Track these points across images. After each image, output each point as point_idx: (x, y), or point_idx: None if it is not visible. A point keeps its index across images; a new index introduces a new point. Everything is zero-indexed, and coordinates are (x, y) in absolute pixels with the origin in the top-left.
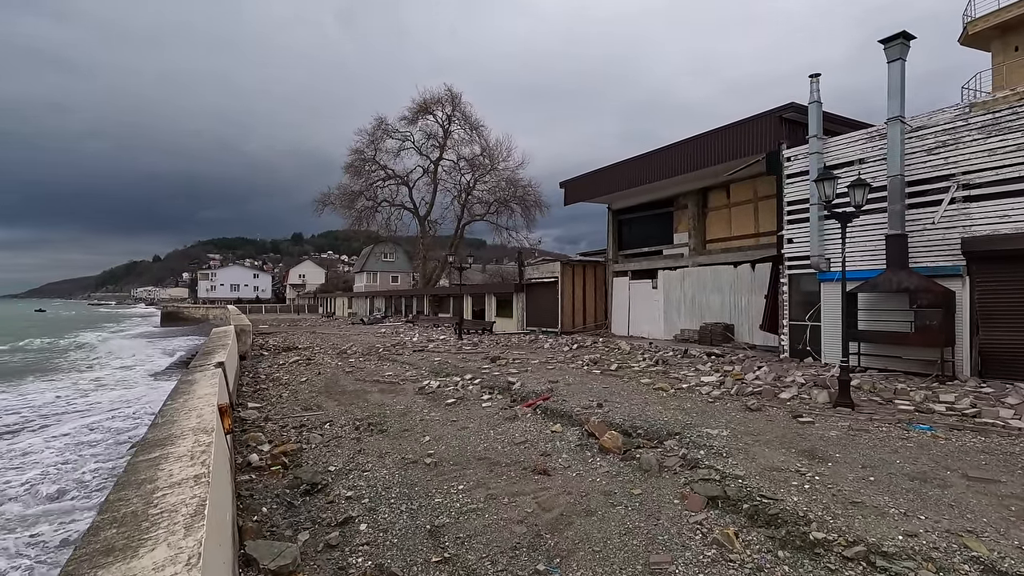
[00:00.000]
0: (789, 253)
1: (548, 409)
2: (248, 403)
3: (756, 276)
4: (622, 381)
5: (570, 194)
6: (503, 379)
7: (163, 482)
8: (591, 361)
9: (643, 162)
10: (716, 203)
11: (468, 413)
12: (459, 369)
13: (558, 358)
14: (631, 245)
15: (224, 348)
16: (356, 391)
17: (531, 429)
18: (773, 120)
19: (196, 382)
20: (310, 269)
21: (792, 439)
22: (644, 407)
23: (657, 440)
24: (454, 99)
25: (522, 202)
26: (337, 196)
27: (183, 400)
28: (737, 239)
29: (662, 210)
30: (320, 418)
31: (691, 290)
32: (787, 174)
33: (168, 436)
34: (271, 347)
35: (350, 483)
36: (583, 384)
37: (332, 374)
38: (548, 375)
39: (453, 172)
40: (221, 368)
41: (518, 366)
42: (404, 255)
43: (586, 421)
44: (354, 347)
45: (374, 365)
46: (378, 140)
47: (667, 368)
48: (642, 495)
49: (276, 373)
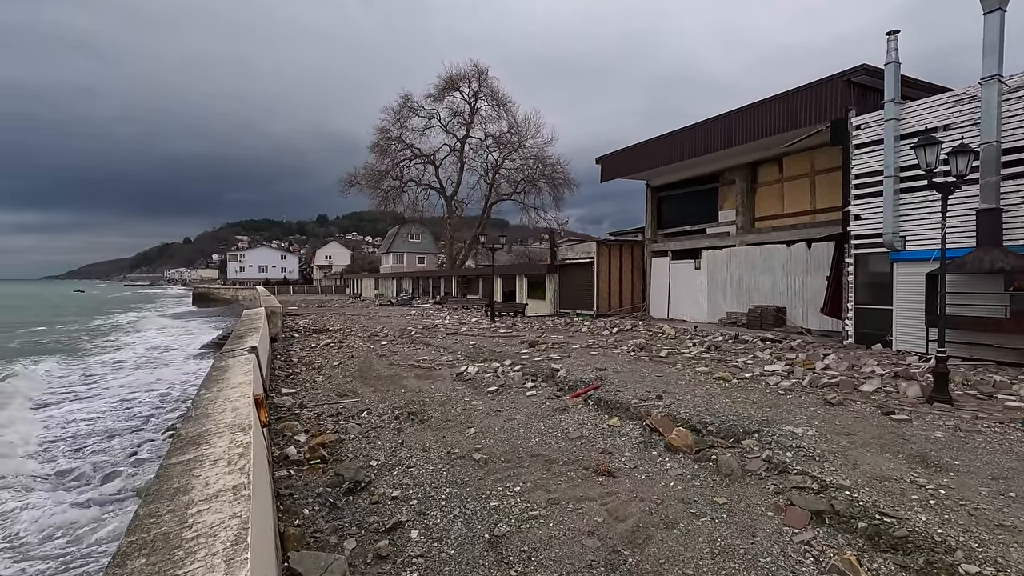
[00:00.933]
0: (856, 231)
1: (601, 400)
2: (282, 388)
3: (813, 256)
4: (676, 369)
5: (607, 170)
6: (545, 365)
7: (198, 493)
8: (637, 347)
9: (687, 135)
10: (767, 178)
11: (512, 403)
12: (496, 354)
13: (599, 343)
14: (671, 224)
15: (256, 331)
16: (391, 376)
17: (585, 422)
18: (840, 85)
19: (229, 368)
20: (336, 250)
21: (893, 441)
22: (709, 399)
23: (733, 438)
24: (480, 75)
25: (550, 180)
26: (363, 176)
27: (216, 390)
28: (791, 216)
29: (706, 186)
30: (356, 406)
31: (738, 271)
32: (855, 144)
33: (202, 433)
34: (301, 329)
35: (395, 480)
36: (634, 372)
37: (365, 358)
38: (593, 362)
39: (480, 150)
40: (254, 353)
41: (559, 351)
42: (430, 236)
43: (647, 415)
44: (385, 329)
45: (407, 348)
46: (404, 118)
47: (722, 355)
48: (728, 505)
49: (308, 356)
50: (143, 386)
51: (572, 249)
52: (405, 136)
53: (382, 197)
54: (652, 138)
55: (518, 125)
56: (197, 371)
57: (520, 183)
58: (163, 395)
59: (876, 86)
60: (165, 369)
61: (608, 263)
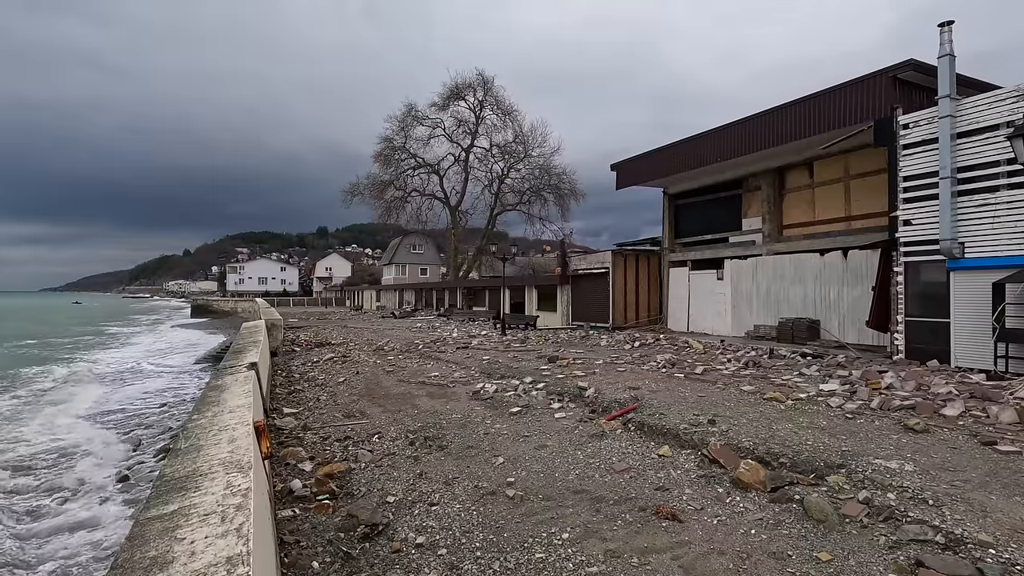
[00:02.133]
0: (906, 237)
1: (643, 425)
2: (284, 408)
3: (850, 265)
4: (717, 389)
5: (623, 177)
6: (570, 384)
7: (181, 567)
8: (668, 363)
9: (710, 140)
10: (796, 183)
11: (540, 426)
12: (514, 370)
13: (624, 358)
14: (691, 232)
15: (256, 345)
16: (401, 395)
17: (630, 451)
18: (884, 82)
19: (227, 388)
20: (336, 262)
21: (1016, 480)
22: (769, 425)
23: (813, 474)
24: (486, 83)
25: (556, 191)
26: (366, 186)
27: (211, 414)
28: (823, 224)
29: (728, 193)
30: (366, 428)
31: (766, 281)
32: (903, 144)
33: (191, 474)
34: (303, 342)
35: (418, 522)
36: (671, 392)
37: (372, 374)
38: (622, 379)
39: (485, 160)
40: (254, 370)
41: (582, 368)
42: (433, 247)
43: (702, 443)
44: (391, 343)
45: (416, 364)
46: (408, 127)
47: (764, 372)
48: (835, 563)
49: (311, 372)
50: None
51: (585, 259)
52: (409, 145)
53: (385, 208)
54: (671, 143)
55: (524, 134)
56: (193, 385)
57: (525, 193)
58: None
59: (923, 83)
60: (156, 381)
61: (624, 273)
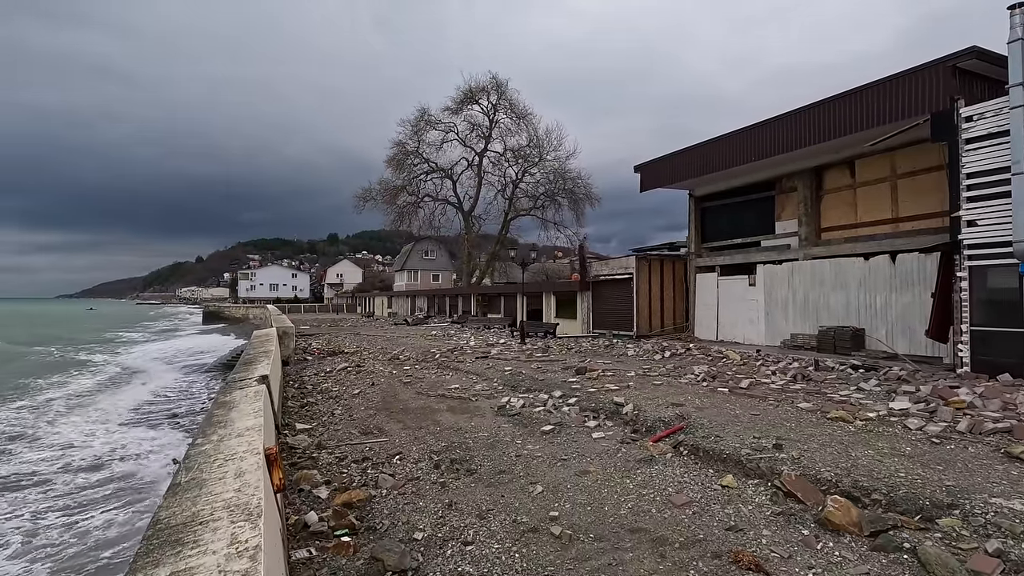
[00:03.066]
0: (971, 239)
1: (698, 449)
2: (296, 424)
3: (899, 270)
4: (771, 406)
5: (647, 179)
6: (604, 399)
7: None
8: (708, 375)
9: (741, 139)
10: (835, 183)
11: (578, 448)
12: (539, 383)
13: (657, 370)
14: (719, 236)
15: (267, 355)
16: (421, 409)
17: (687, 481)
18: (943, 72)
19: (235, 405)
20: (347, 268)
21: None
22: (845, 451)
23: (919, 515)
24: (500, 87)
25: (571, 195)
26: (378, 191)
27: (216, 439)
28: (866, 226)
29: (760, 195)
30: (385, 448)
31: (803, 288)
32: (967, 138)
33: (190, 520)
34: (315, 351)
35: (452, 566)
36: (720, 409)
37: (388, 385)
38: (661, 394)
39: (499, 164)
40: (265, 384)
41: (614, 380)
42: (445, 253)
43: (771, 472)
44: (406, 352)
45: (434, 375)
46: (421, 131)
47: (817, 387)
48: None
49: (324, 383)
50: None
51: (607, 264)
52: (422, 150)
53: (397, 213)
54: (698, 144)
55: (539, 138)
56: (201, 395)
57: (540, 198)
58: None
59: (986, 73)
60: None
61: (648, 279)
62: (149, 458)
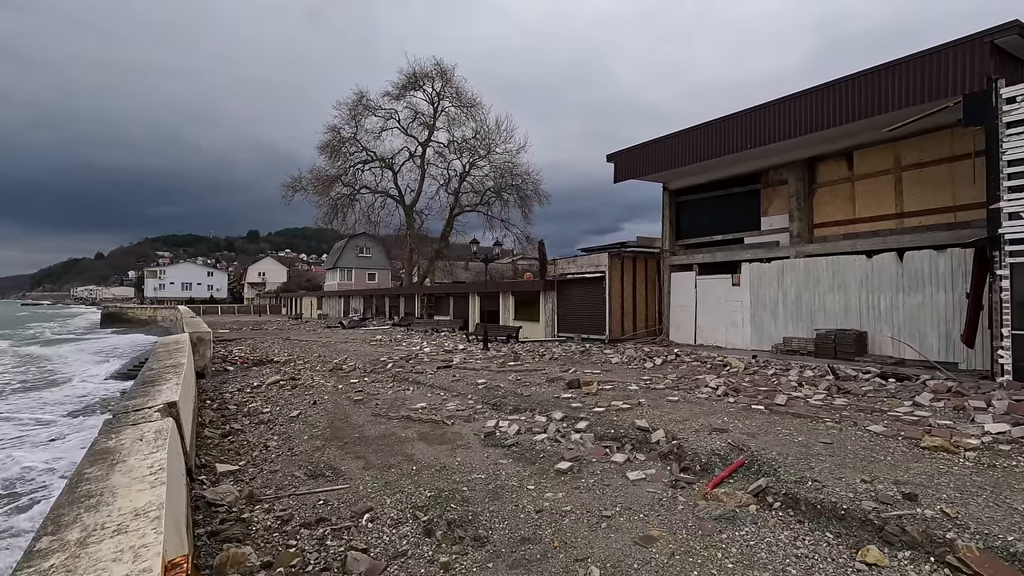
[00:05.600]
0: (1013, 233)
1: (794, 499)
2: (216, 463)
3: (907, 268)
4: (832, 428)
5: (621, 168)
6: (620, 420)
7: None
8: (730, 389)
9: (726, 127)
10: (830, 176)
11: (617, 495)
12: (527, 400)
13: (661, 382)
14: (697, 232)
15: (176, 372)
16: (384, 438)
17: (805, 555)
18: (979, 49)
19: (121, 460)
20: (271, 267)
21: None
22: (1003, 500)
23: None
24: (444, 74)
25: (518, 191)
26: (309, 180)
27: (76, 541)
28: (867, 221)
29: (743, 188)
30: (346, 499)
31: (795, 288)
32: (1008, 122)
33: None
34: (237, 359)
35: None
36: (774, 435)
37: (335, 404)
38: (685, 414)
39: (444, 155)
40: (172, 416)
41: (617, 395)
42: (382, 251)
43: (928, 540)
44: (350, 360)
45: (391, 390)
46: (359, 116)
47: (861, 400)
48: None
49: (251, 401)
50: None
51: (575, 263)
52: (360, 136)
53: (331, 206)
54: (677, 131)
55: (488, 129)
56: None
57: (486, 193)
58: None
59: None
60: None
61: (621, 278)
62: None
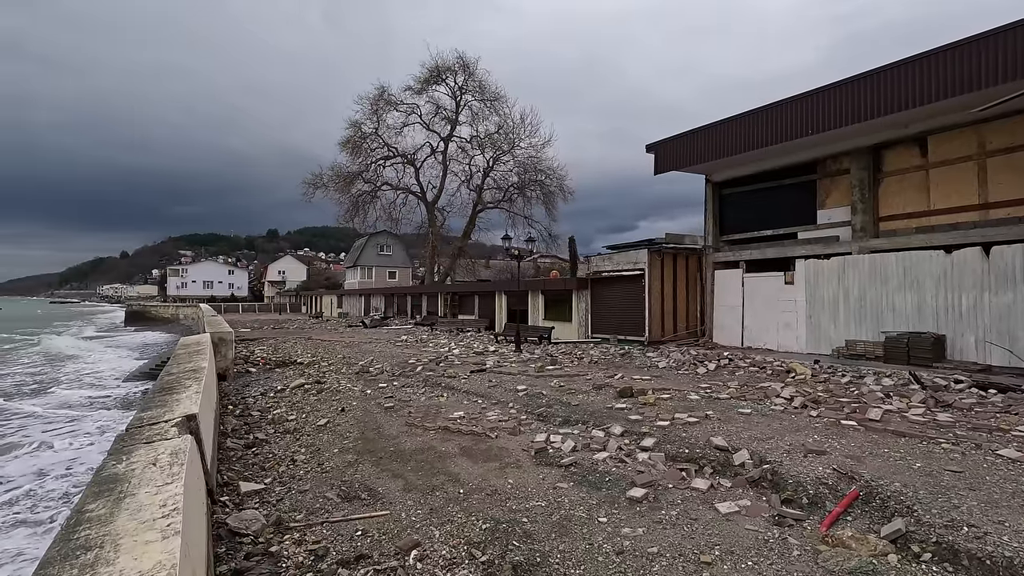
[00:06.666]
0: None
1: (950, 549)
2: (239, 480)
3: (994, 264)
4: (954, 453)
5: (661, 159)
6: (690, 437)
7: None
8: (810, 400)
9: (780, 113)
10: (899, 164)
11: (711, 535)
12: (576, 410)
13: (723, 391)
14: (743, 227)
15: (197, 378)
16: (422, 452)
17: None
18: None
19: (129, 489)
20: (290, 265)
21: None
22: None
23: None
24: (467, 66)
25: (542, 187)
26: (331, 178)
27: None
28: (943, 213)
29: (796, 179)
30: (387, 529)
31: (858, 286)
32: None
33: None
34: (259, 360)
35: None
36: (883, 459)
37: (364, 411)
38: (766, 430)
39: (467, 151)
40: (191, 431)
41: (681, 407)
42: (403, 249)
43: None
44: (376, 362)
45: (424, 396)
46: (380, 111)
47: (978, 417)
48: None
49: (275, 407)
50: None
51: (610, 259)
52: (381, 132)
53: (352, 203)
54: (724, 119)
55: (512, 123)
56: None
57: (509, 190)
58: None
59: None
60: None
61: (661, 276)
62: None
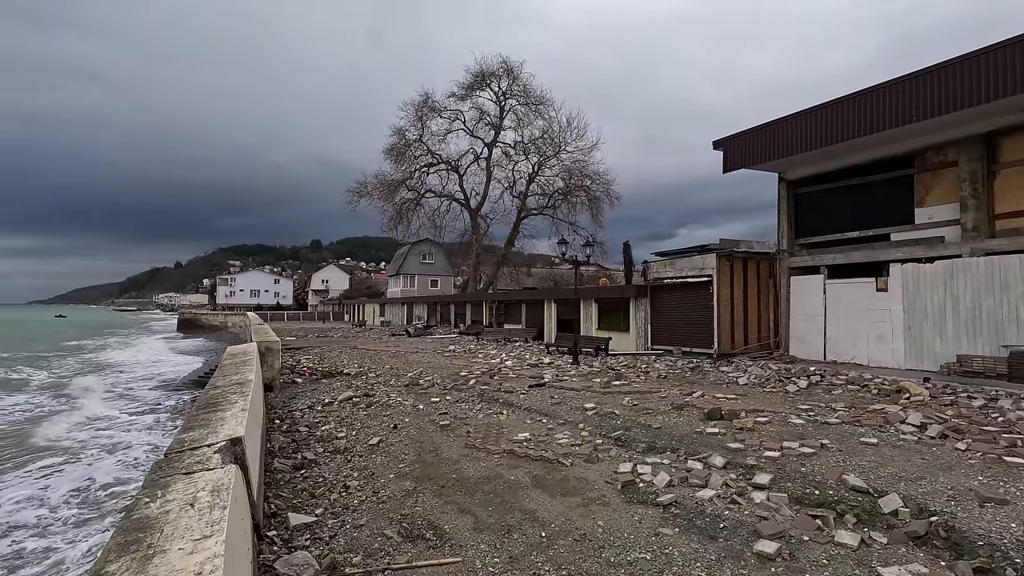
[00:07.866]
0: None
1: None
2: (289, 511)
3: None
4: None
5: (731, 156)
6: (814, 473)
7: None
8: (950, 429)
9: (870, 101)
10: (1020, 154)
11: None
12: (661, 434)
13: (829, 414)
14: (823, 229)
15: (243, 392)
16: (488, 480)
17: None
18: None
19: (160, 544)
20: (333, 274)
21: None
22: None
23: None
24: (512, 71)
25: (588, 192)
26: (375, 186)
27: None
28: None
29: (887, 174)
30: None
31: (970, 294)
32: None
33: None
34: (305, 370)
35: None
36: None
37: (418, 429)
38: (905, 465)
39: (511, 156)
40: (236, 455)
41: (787, 434)
42: (444, 257)
43: None
44: (425, 373)
45: (481, 413)
46: (424, 118)
47: None
48: None
49: (324, 423)
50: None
51: (673, 265)
52: (425, 139)
53: (396, 211)
54: (801, 111)
55: (560, 125)
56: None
57: (554, 196)
58: None
59: None
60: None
61: (731, 283)
62: None
